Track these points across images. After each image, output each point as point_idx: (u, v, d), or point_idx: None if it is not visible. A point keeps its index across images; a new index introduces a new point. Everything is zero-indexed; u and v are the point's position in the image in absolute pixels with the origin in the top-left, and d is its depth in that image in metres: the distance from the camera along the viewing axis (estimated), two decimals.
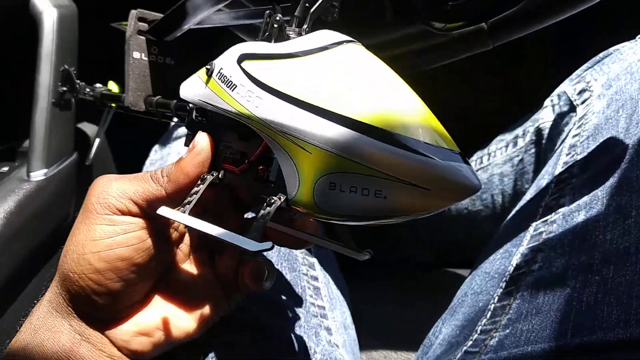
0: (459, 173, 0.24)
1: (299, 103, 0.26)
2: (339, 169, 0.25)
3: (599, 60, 0.56)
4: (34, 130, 0.63)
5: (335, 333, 0.47)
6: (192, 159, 0.31)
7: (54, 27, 0.63)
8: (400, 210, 0.25)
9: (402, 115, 0.25)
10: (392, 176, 0.24)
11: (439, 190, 0.24)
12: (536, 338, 0.38)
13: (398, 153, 0.24)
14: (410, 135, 0.24)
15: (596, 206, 0.41)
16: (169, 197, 0.31)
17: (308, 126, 0.25)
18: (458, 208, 0.74)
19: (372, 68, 0.27)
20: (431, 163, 0.24)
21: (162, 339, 0.34)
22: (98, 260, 0.30)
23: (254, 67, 0.28)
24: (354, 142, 0.24)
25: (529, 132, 0.65)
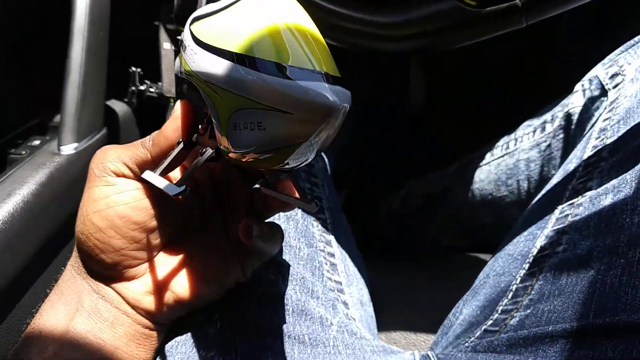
0: (312, 93, 0.24)
1: (211, 49, 0.27)
2: (235, 108, 0.26)
3: (633, 44, 0.54)
4: (65, 105, 0.64)
5: (352, 308, 0.47)
6: (171, 124, 0.32)
7: (86, 2, 0.64)
8: (280, 139, 0.25)
9: (269, 41, 0.25)
10: (262, 104, 0.25)
11: (300, 112, 0.24)
12: (557, 318, 0.38)
13: (259, 78, 0.24)
14: (270, 59, 0.25)
15: (624, 189, 0.40)
16: (153, 160, 0.33)
17: (212, 67, 0.26)
18: (482, 194, 0.73)
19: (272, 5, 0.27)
20: (286, 85, 0.24)
21: (173, 300, 0.35)
22: (99, 220, 0.32)
23: (198, 26, 0.29)
24: (229, 72, 0.25)
25: (558, 117, 0.64)
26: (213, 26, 0.28)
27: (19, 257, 0.53)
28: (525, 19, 0.41)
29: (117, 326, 0.34)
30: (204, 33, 0.28)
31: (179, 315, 0.37)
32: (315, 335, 0.40)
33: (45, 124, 0.70)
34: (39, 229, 0.57)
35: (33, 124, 0.70)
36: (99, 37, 0.65)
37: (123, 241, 0.33)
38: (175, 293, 0.35)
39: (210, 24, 0.28)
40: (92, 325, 0.34)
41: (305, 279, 0.44)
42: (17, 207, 0.54)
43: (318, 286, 0.45)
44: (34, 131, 0.70)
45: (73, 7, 0.64)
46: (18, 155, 0.64)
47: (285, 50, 0.25)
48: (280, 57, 0.25)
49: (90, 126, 0.67)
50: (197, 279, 0.36)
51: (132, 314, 0.35)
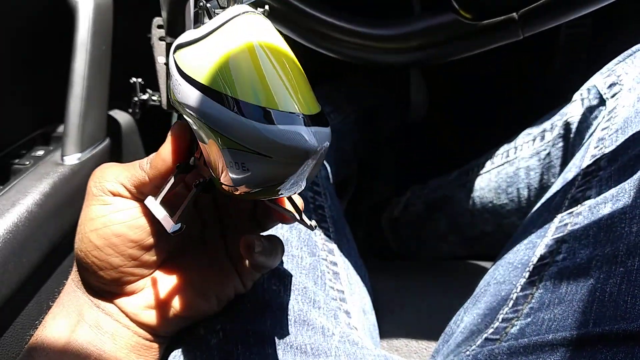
0: (289, 137, 0.24)
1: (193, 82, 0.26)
2: (221, 145, 0.25)
3: (630, 54, 0.55)
4: (69, 115, 0.65)
5: (354, 317, 0.48)
6: (167, 146, 0.32)
7: (89, 15, 0.65)
8: (265, 180, 0.25)
9: (247, 77, 0.25)
10: (243, 146, 0.24)
11: (279, 157, 0.24)
12: (557, 327, 0.38)
13: (237, 120, 0.24)
14: (247, 99, 0.24)
15: (623, 198, 0.40)
16: (151, 182, 0.33)
17: (195, 103, 0.26)
18: (483, 202, 0.74)
19: (247, 34, 0.27)
20: (263, 129, 0.24)
21: (172, 314, 0.36)
22: (97, 238, 0.33)
23: (180, 55, 0.29)
24: (211, 111, 0.25)
25: (557, 126, 0.64)
26: (194, 56, 0.28)
27: (23, 266, 0.54)
28: (522, 32, 0.42)
29: (117, 338, 0.35)
30: (186, 63, 0.28)
31: (179, 328, 0.37)
32: (317, 345, 0.40)
33: (48, 134, 0.71)
34: (43, 239, 0.58)
35: (37, 134, 0.71)
36: (101, 50, 0.66)
37: (121, 259, 0.33)
38: (175, 307, 0.36)
39: (192, 53, 0.28)
40: (93, 336, 0.34)
41: (308, 289, 0.44)
42: (21, 216, 0.55)
43: (320, 295, 0.45)
44: (37, 142, 0.71)
45: (76, 20, 0.65)
46: (22, 165, 0.65)
47: (262, 90, 0.25)
48: (258, 98, 0.24)
49: (93, 137, 0.68)
50: (196, 293, 0.36)
51: (132, 327, 0.35)
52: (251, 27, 0.27)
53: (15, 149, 0.67)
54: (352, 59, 0.48)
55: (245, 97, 0.24)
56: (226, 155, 0.25)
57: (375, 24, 0.46)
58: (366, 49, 0.47)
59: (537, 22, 0.41)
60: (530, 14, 0.41)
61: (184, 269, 0.37)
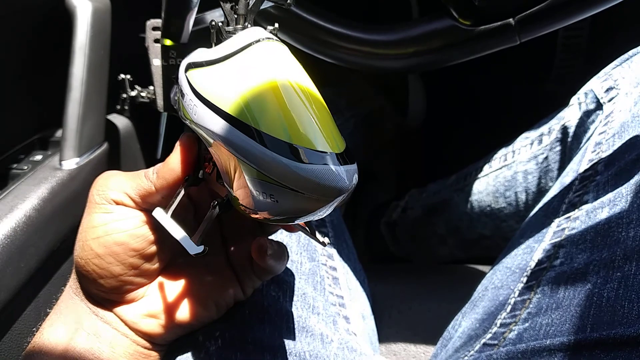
0: (325, 176, 0.24)
1: (211, 106, 0.27)
2: (245, 174, 0.26)
3: (627, 59, 0.55)
4: (67, 120, 0.65)
5: (353, 322, 0.47)
6: (176, 158, 0.32)
7: (88, 20, 0.65)
8: (292, 212, 0.26)
9: (276, 113, 0.25)
10: (273, 179, 0.25)
11: (310, 192, 0.25)
12: (555, 332, 0.38)
13: (270, 156, 0.24)
14: (279, 137, 0.25)
15: (620, 203, 0.40)
16: (157, 192, 0.33)
17: (218, 129, 0.26)
18: (481, 205, 0.74)
19: (271, 66, 0.27)
20: (297, 168, 0.24)
21: (171, 323, 0.36)
22: (98, 246, 0.33)
23: (194, 75, 0.29)
24: (239, 142, 0.25)
25: (555, 130, 0.64)
26: (213, 80, 0.28)
27: (21, 271, 0.54)
28: (518, 37, 0.42)
29: (116, 346, 0.35)
30: (204, 86, 0.28)
31: (178, 336, 0.37)
32: (315, 352, 0.40)
33: (47, 139, 0.71)
34: (41, 244, 0.58)
35: (35, 139, 0.71)
36: (100, 54, 0.66)
37: (122, 267, 0.33)
38: (174, 315, 0.36)
39: (210, 76, 0.28)
40: (91, 345, 0.34)
41: (307, 295, 0.44)
42: (19, 221, 0.55)
43: (319, 301, 0.45)
44: (35, 146, 0.70)
45: (74, 25, 0.65)
46: (20, 170, 0.65)
47: (294, 127, 0.25)
48: (288, 135, 0.25)
49: (91, 141, 0.68)
50: (195, 301, 0.36)
51: (130, 335, 0.35)
52: (273, 57, 0.27)
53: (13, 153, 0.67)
54: (349, 65, 0.48)
55: (274, 133, 0.25)
56: (253, 184, 0.26)
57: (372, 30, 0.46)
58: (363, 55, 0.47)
59: (534, 27, 0.42)
60: (527, 19, 0.41)
61: (183, 277, 0.37)
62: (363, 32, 0.46)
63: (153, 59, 0.41)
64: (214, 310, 0.37)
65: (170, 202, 0.32)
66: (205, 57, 0.29)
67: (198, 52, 0.31)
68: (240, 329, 0.39)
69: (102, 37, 0.67)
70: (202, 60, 0.29)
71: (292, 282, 0.44)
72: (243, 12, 0.31)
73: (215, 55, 0.29)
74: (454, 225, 0.79)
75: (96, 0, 0.67)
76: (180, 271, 0.37)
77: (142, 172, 0.34)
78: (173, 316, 0.36)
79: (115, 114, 0.82)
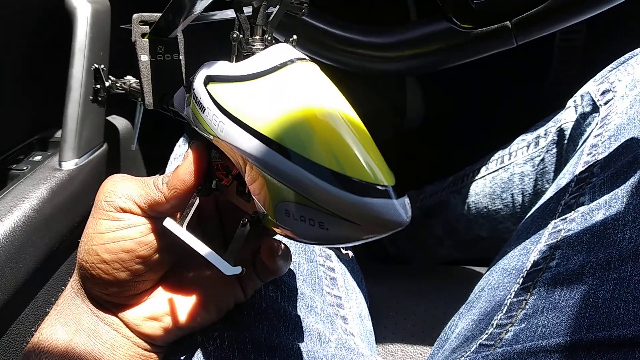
0: (385, 210, 0.24)
1: (248, 128, 0.26)
2: (287, 198, 0.25)
3: (623, 62, 0.56)
4: (66, 121, 0.65)
5: (351, 322, 0.48)
6: (187, 168, 0.32)
7: (87, 22, 0.65)
8: (341, 239, 0.25)
9: (325, 142, 0.24)
10: (325, 208, 0.24)
11: (367, 225, 0.24)
12: (551, 333, 0.38)
13: (324, 187, 0.24)
14: (331, 167, 0.24)
15: (616, 205, 0.41)
16: (167, 202, 0.33)
17: (255, 151, 0.25)
18: (478, 207, 0.74)
19: (313, 89, 0.27)
20: (356, 201, 0.23)
21: (172, 325, 0.36)
22: (104, 252, 0.33)
23: (217, 90, 0.28)
24: (284, 169, 0.24)
25: (551, 132, 0.65)
26: (246, 99, 0.27)
27: (20, 271, 0.54)
28: (515, 40, 0.42)
29: (116, 348, 0.35)
30: (235, 104, 0.27)
31: (178, 337, 0.38)
32: (313, 352, 0.41)
33: (46, 140, 0.71)
34: (40, 244, 0.58)
35: (34, 139, 0.71)
36: (99, 55, 0.67)
37: (127, 273, 0.33)
38: (176, 318, 0.36)
39: (241, 94, 0.27)
40: (91, 346, 0.34)
41: (305, 295, 0.44)
42: (18, 221, 0.55)
43: (317, 301, 0.45)
44: (35, 147, 0.71)
45: (74, 26, 0.65)
46: (20, 170, 0.65)
47: (347, 158, 0.24)
48: (341, 165, 0.24)
49: (90, 142, 0.68)
50: (197, 304, 0.36)
51: (131, 337, 0.36)
52: (312, 80, 0.27)
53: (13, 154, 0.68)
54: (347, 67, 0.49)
55: (326, 163, 0.24)
56: (296, 209, 0.25)
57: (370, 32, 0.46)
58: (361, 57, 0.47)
59: (531, 30, 0.42)
60: (524, 22, 0.42)
61: (185, 280, 0.37)
62: (361, 34, 0.47)
63: (141, 54, 0.41)
64: (215, 313, 0.37)
65: (184, 213, 0.32)
66: (229, 72, 0.29)
67: (218, 66, 0.30)
68: (238, 329, 0.39)
69: (101, 39, 0.68)
70: (227, 75, 0.28)
71: (290, 283, 0.44)
72: (261, 22, 0.30)
73: (242, 72, 0.28)
74: (451, 227, 0.79)
75: (96, 1, 0.67)
76: (183, 274, 0.37)
77: (151, 180, 0.34)
78: (175, 319, 0.36)
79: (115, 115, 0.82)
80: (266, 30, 0.30)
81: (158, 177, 0.34)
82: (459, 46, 0.44)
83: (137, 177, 0.35)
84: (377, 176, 0.24)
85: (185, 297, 0.37)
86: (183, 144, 0.71)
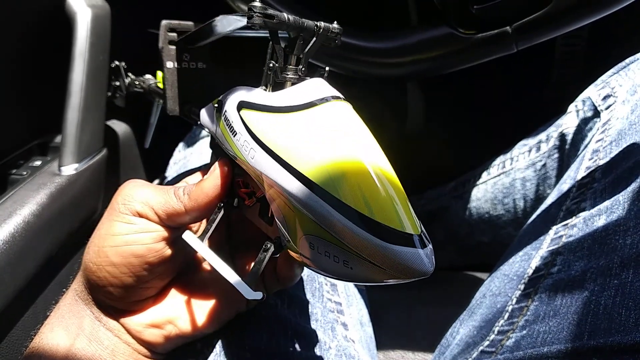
0: (411, 259, 0.24)
1: (282, 162, 0.27)
2: (314, 232, 0.26)
3: (624, 66, 0.55)
4: (66, 126, 0.65)
5: (351, 329, 0.47)
6: (212, 182, 0.33)
7: (87, 26, 0.65)
8: (364, 279, 0.26)
9: (357, 186, 0.25)
10: (351, 249, 0.25)
11: (392, 271, 0.24)
12: (552, 339, 0.38)
13: (352, 229, 0.24)
14: (362, 211, 0.25)
15: (617, 211, 0.41)
16: (187, 213, 0.33)
17: (287, 185, 0.26)
18: (479, 212, 0.74)
19: (348, 131, 0.27)
20: (384, 247, 0.24)
21: (174, 333, 0.36)
22: (114, 254, 0.33)
23: (250, 117, 0.29)
24: (314, 206, 0.25)
25: (553, 137, 0.65)
26: (279, 132, 0.28)
27: (19, 276, 0.54)
28: (516, 45, 0.42)
29: (117, 354, 0.35)
30: (265, 133, 0.28)
31: (178, 345, 0.37)
32: (313, 359, 0.40)
33: (46, 144, 0.71)
34: (39, 249, 0.58)
35: (34, 144, 0.71)
36: (99, 60, 0.67)
37: (134, 279, 0.33)
38: (178, 326, 0.36)
39: (274, 126, 0.28)
40: (92, 351, 0.34)
41: (305, 302, 0.44)
42: (17, 227, 0.55)
43: (317, 308, 0.45)
44: (35, 152, 0.71)
45: (75, 31, 0.65)
46: (19, 175, 0.65)
47: (377, 204, 0.25)
48: (371, 211, 0.25)
49: (90, 147, 0.68)
50: (200, 314, 0.36)
51: (132, 344, 0.35)
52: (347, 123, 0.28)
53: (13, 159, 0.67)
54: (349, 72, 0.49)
55: (355, 205, 0.25)
56: (322, 244, 0.26)
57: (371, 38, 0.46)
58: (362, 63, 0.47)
59: (531, 35, 0.42)
60: (524, 27, 0.42)
61: (189, 289, 0.37)
62: (361, 40, 0.47)
63: (167, 61, 0.42)
64: (217, 323, 0.37)
65: (205, 229, 0.33)
66: (263, 101, 0.29)
67: (253, 93, 0.30)
68: (238, 336, 0.39)
69: (101, 43, 0.68)
70: (261, 104, 0.29)
71: (290, 290, 0.44)
72: (297, 52, 0.31)
73: (277, 103, 0.29)
74: (453, 232, 0.79)
75: (96, 6, 0.67)
76: (187, 283, 0.37)
77: (172, 189, 0.34)
78: (177, 328, 0.36)
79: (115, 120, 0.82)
80: (301, 60, 0.31)
81: (178, 187, 0.34)
82: (460, 51, 0.44)
83: (155, 185, 0.35)
84: (404, 224, 0.25)
85: (188, 306, 0.36)
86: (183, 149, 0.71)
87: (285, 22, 0.29)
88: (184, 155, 0.67)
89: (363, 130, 0.28)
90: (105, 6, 0.70)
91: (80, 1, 0.66)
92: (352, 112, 0.29)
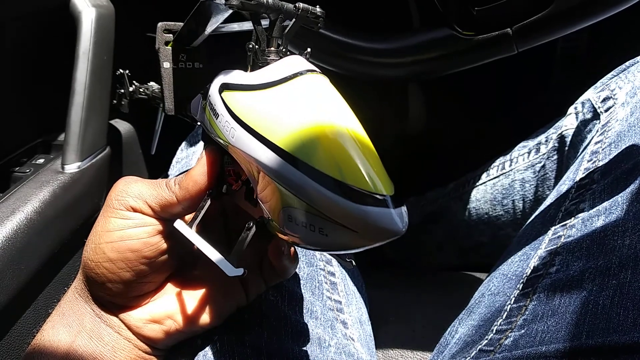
0: (382, 218, 0.25)
1: (257, 135, 0.27)
2: (290, 204, 0.26)
3: (624, 69, 0.56)
4: (70, 124, 0.65)
5: (351, 327, 0.48)
6: (200, 169, 0.33)
7: (92, 26, 0.66)
8: (340, 246, 0.26)
9: (329, 151, 0.25)
10: (326, 215, 0.25)
11: (364, 232, 0.25)
12: (550, 339, 0.38)
13: (325, 194, 0.24)
14: (334, 176, 0.25)
15: (615, 212, 0.41)
16: (179, 203, 0.33)
17: (262, 157, 0.26)
18: (479, 213, 0.74)
19: (322, 101, 0.28)
20: (355, 209, 0.24)
21: (174, 328, 0.36)
22: (111, 250, 0.33)
23: (231, 98, 0.29)
24: (289, 175, 0.25)
25: (552, 139, 0.65)
26: (255, 108, 0.28)
27: (21, 273, 0.54)
28: (516, 47, 0.43)
29: (117, 351, 0.35)
30: (245, 112, 0.28)
31: (179, 341, 0.38)
32: (313, 356, 0.41)
33: (49, 142, 0.71)
34: (42, 246, 0.58)
35: (37, 142, 0.71)
36: (103, 59, 0.67)
37: (132, 274, 0.34)
38: (177, 322, 0.36)
39: (251, 103, 0.28)
40: (93, 348, 0.34)
41: (305, 299, 0.45)
42: (20, 224, 0.55)
43: (317, 306, 0.45)
44: (38, 150, 0.71)
45: (79, 30, 0.65)
46: (22, 173, 0.65)
47: (349, 168, 0.25)
48: (343, 175, 0.25)
49: (93, 145, 0.68)
50: (199, 308, 0.37)
51: (133, 340, 0.36)
52: (321, 92, 0.28)
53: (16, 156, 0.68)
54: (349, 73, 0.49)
55: (329, 171, 0.25)
56: (299, 215, 0.26)
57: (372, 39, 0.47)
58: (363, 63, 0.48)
59: (531, 37, 0.42)
60: (525, 29, 0.42)
61: (189, 284, 0.38)
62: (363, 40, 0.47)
63: (163, 61, 0.42)
64: (217, 317, 0.37)
65: (194, 216, 0.33)
66: (243, 81, 0.30)
67: (234, 74, 0.31)
68: (238, 333, 0.39)
69: (105, 43, 0.68)
70: (240, 84, 0.29)
71: (290, 287, 0.44)
72: (277, 34, 0.31)
73: (255, 81, 0.29)
74: (452, 233, 0.79)
75: (100, 6, 0.68)
76: (186, 278, 0.38)
77: (164, 181, 0.34)
78: (177, 322, 0.36)
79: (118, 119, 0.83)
80: (281, 43, 0.31)
81: (170, 179, 0.34)
82: (461, 53, 0.45)
83: (148, 179, 0.35)
84: (377, 186, 0.25)
85: (187, 300, 0.37)
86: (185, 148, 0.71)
87: (263, 3, 0.29)
88: (187, 154, 0.67)
89: (337, 99, 0.28)
90: (110, 6, 0.70)
91: (84, 0, 0.66)
92: (327, 84, 0.29)
